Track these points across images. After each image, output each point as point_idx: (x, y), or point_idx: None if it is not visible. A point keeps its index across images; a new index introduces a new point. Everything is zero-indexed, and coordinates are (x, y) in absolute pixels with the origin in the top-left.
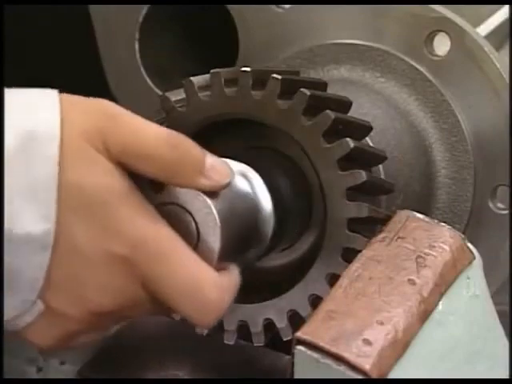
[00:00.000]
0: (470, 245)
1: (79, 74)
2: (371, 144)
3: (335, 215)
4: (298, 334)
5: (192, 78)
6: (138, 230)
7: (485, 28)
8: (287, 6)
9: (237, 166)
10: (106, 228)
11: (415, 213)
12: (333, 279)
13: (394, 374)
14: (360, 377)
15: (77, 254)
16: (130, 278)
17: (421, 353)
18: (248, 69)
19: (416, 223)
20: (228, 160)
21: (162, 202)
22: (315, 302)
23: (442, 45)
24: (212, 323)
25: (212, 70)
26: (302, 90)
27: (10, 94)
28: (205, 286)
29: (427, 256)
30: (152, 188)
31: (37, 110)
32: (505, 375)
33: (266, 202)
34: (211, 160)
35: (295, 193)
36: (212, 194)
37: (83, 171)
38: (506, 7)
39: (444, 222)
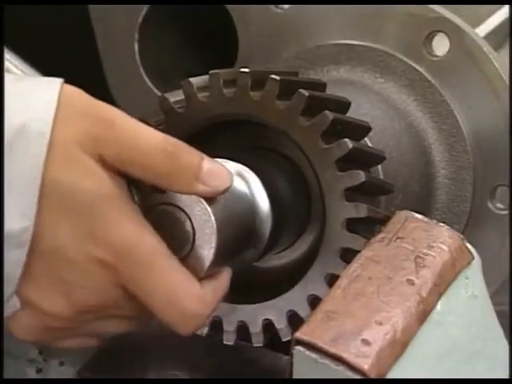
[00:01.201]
0: (468, 245)
1: (79, 74)
2: (370, 144)
3: (334, 215)
4: (297, 334)
5: (191, 79)
6: (121, 237)
7: (484, 28)
8: (287, 6)
9: (234, 167)
10: (89, 232)
11: (414, 213)
12: (332, 279)
13: (393, 374)
14: (359, 377)
15: (58, 254)
16: (110, 281)
17: (419, 353)
18: (247, 70)
19: (415, 223)
20: (226, 160)
21: (162, 201)
22: (314, 302)
23: (441, 45)
24: (191, 332)
25: (211, 71)
26: (300, 90)
27: (13, 80)
28: (184, 297)
29: (426, 256)
30: (153, 189)
31: (32, 103)
32: (504, 375)
33: (263, 202)
34: (209, 165)
35: (294, 193)
36: (211, 198)
37: (69, 173)
38: (506, 7)
39: (443, 223)
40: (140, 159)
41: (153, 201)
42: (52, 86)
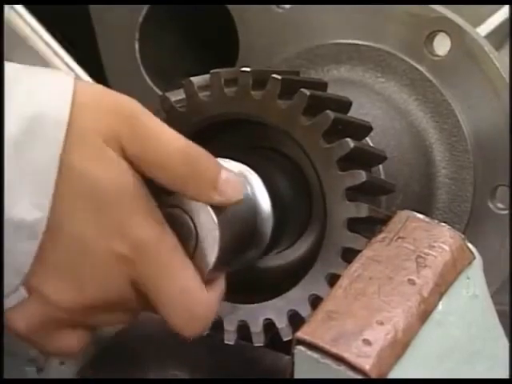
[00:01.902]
0: (469, 245)
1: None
2: (371, 144)
3: (335, 215)
4: (298, 334)
5: (192, 78)
6: (142, 232)
7: (485, 28)
8: (287, 6)
9: (236, 166)
10: (109, 223)
11: (415, 213)
12: (333, 279)
13: (394, 374)
14: (360, 377)
15: (75, 243)
16: (123, 276)
17: (420, 353)
18: (248, 69)
19: (416, 223)
20: (227, 160)
21: (169, 204)
22: (315, 302)
23: (442, 45)
24: (195, 336)
25: (212, 70)
26: (301, 89)
27: (24, 72)
28: (195, 300)
29: (427, 256)
30: (162, 190)
31: (48, 94)
32: (505, 375)
33: (264, 202)
34: (226, 175)
35: (295, 193)
36: (220, 207)
37: (89, 161)
38: (506, 7)
39: (444, 222)
40: (159, 160)
41: (158, 201)
42: (64, 80)
